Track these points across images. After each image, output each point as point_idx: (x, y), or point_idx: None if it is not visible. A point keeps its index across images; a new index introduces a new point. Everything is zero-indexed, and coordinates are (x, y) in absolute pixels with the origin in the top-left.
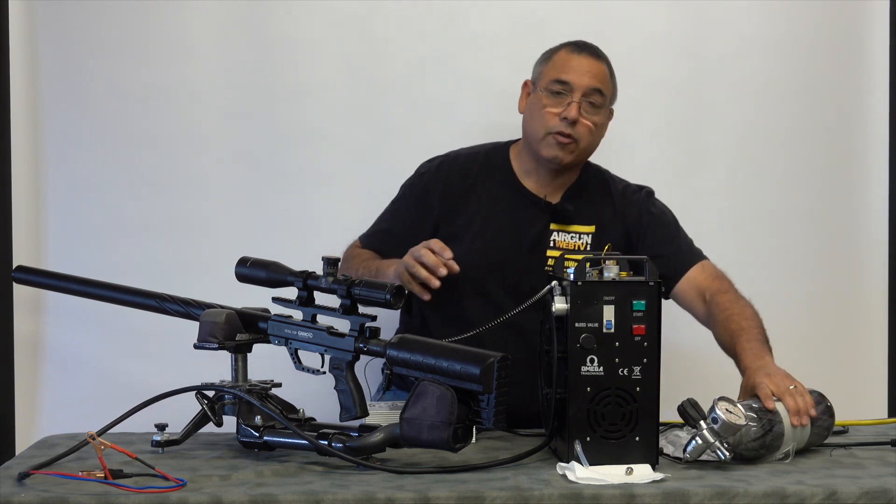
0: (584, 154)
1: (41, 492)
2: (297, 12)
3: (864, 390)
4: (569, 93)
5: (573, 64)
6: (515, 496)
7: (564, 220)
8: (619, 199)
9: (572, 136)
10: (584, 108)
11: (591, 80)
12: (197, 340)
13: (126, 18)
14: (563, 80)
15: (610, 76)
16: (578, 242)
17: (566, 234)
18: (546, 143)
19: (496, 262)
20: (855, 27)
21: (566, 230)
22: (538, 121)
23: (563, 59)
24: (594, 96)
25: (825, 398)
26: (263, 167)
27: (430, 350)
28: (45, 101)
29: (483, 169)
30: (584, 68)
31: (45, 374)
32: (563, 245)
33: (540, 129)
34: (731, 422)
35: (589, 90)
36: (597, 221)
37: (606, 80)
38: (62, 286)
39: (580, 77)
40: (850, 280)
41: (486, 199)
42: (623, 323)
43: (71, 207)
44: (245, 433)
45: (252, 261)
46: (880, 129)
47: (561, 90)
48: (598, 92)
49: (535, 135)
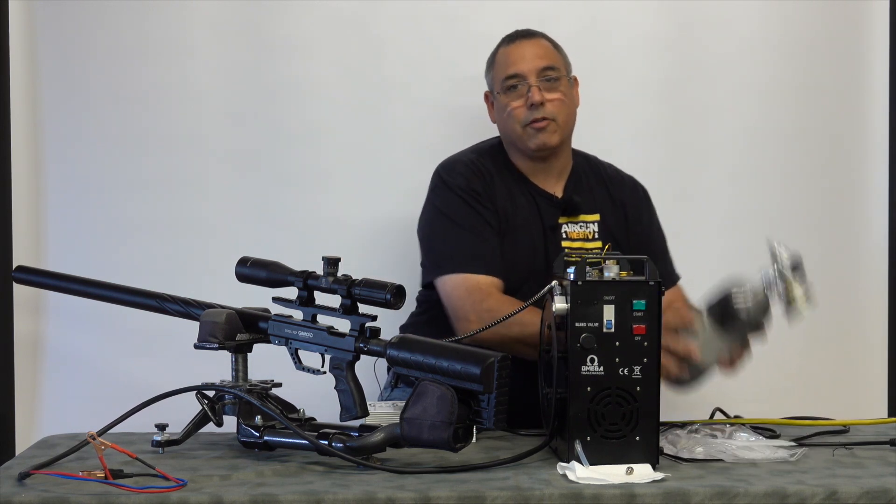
0: (567, 128)
1: (41, 492)
2: (297, 12)
3: (864, 390)
4: (523, 82)
5: (513, 55)
6: (516, 496)
7: (574, 213)
8: (611, 183)
9: (546, 116)
10: (543, 88)
11: (536, 61)
12: (197, 340)
13: (126, 19)
14: (512, 74)
15: (554, 48)
16: (587, 231)
17: (575, 225)
18: (527, 135)
19: (525, 259)
20: (855, 27)
21: (574, 221)
22: (510, 121)
23: (504, 56)
24: (547, 73)
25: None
26: (263, 167)
27: (430, 350)
28: (45, 101)
29: (496, 168)
30: (526, 53)
31: (45, 374)
32: (574, 235)
33: (516, 128)
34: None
35: (539, 70)
36: (599, 209)
37: (551, 54)
38: (62, 286)
39: (525, 63)
40: (850, 280)
41: (507, 197)
42: (623, 323)
43: (71, 207)
44: (245, 433)
45: (252, 261)
46: (880, 129)
47: (515, 83)
48: (548, 68)
49: (514, 135)
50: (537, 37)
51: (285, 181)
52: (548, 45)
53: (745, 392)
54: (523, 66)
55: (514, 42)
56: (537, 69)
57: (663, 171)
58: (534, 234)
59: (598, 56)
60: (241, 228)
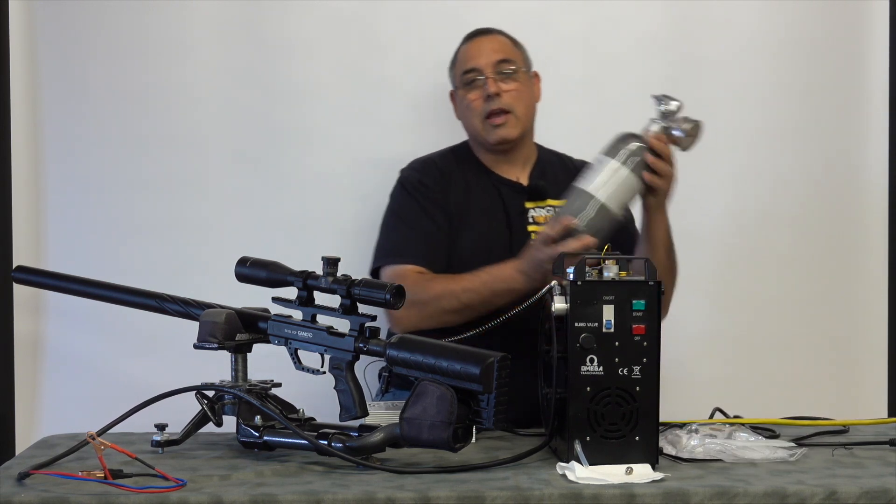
0: (526, 120)
1: (41, 492)
2: (297, 12)
3: (864, 390)
4: (480, 76)
5: (471, 51)
6: (515, 496)
7: (540, 197)
8: (576, 170)
9: (502, 107)
10: (499, 80)
11: (492, 55)
12: (197, 340)
13: (126, 19)
14: (469, 69)
15: (513, 44)
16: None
17: (542, 210)
18: (486, 130)
19: (485, 247)
20: (855, 27)
21: (541, 206)
22: (470, 114)
23: (463, 53)
24: (502, 66)
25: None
26: (263, 167)
27: (429, 350)
28: (45, 101)
29: (458, 164)
30: (482, 48)
31: (45, 374)
32: (541, 220)
33: (475, 121)
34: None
35: (495, 63)
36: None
37: (508, 48)
38: (62, 286)
39: (481, 57)
40: (850, 280)
41: (465, 190)
42: (623, 323)
43: (71, 207)
44: (245, 433)
45: (252, 261)
46: (880, 129)
47: (473, 77)
48: (504, 61)
49: (474, 128)
50: (494, 33)
51: (285, 181)
52: (505, 40)
53: (745, 392)
54: (480, 60)
55: (473, 39)
56: (493, 62)
57: None
58: (494, 222)
59: (598, 56)
60: (241, 228)
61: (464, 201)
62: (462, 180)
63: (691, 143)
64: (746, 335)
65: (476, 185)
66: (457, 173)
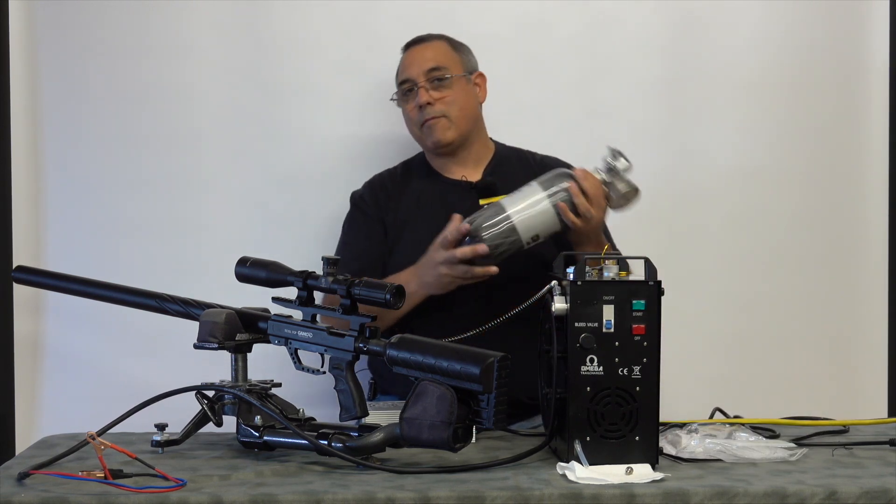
0: (463, 123)
1: (41, 492)
2: (297, 12)
3: (864, 390)
4: (413, 87)
5: (405, 62)
6: (515, 496)
7: (490, 193)
8: (538, 165)
9: (434, 115)
10: (431, 88)
11: (422, 64)
12: (197, 340)
13: (126, 18)
14: (404, 80)
15: (451, 47)
16: None
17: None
18: (423, 135)
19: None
20: (855, 27)
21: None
22: (408, 123)
23: (400, 63)
24: (434, 74)
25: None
26: (263, 167)
27: (429, 350)
28: (45, 101)
29: (406, 175)
30: (414, 59)
31: (45, 374)
32: None
33: (414, 129)
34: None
35: (426, 71)
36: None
37: (440, 54)
38: (62, 286)
39: (414, 67)
40: (850, 280)
41: (413, 196)
42: (623, 323)
43: (71, 207)
44: (245, 433)
45: (252, 261)
46: (880, 129)
47: (407, 88)
48: (435, 69)
49: (415, 136)
50: (431, 40)
51: (285, 181)
52: (441, 45)
53: (745, 392)
54: (412, 70)
55: (408, 49)
56: (424, 71)
57: (663, 171)
58: (438, 224)
59: (598, 56)
60: (241, 228)
61: (414, 208)
62: (414, 190)
63: (623, 204)
64: (746, 335)
65: (425, 191)
66: (406, 185)
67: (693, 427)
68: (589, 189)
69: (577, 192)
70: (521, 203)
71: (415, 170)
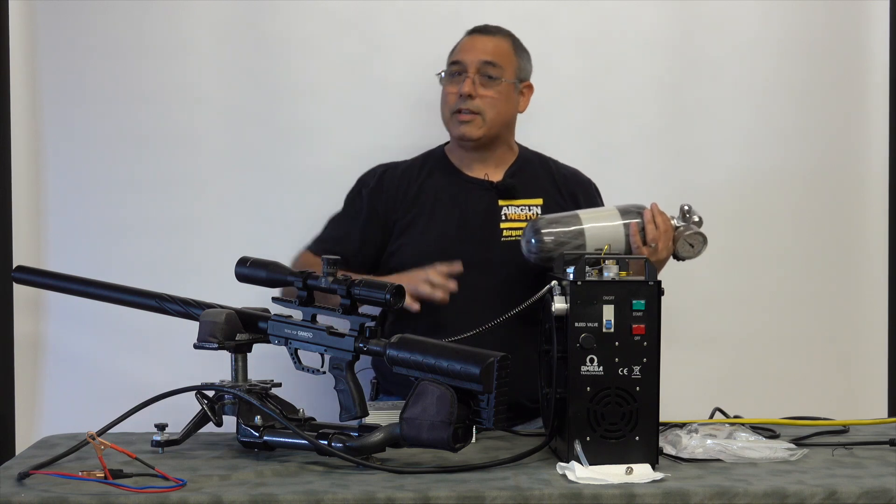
0: (494, 126)
1: (41, 492)
2: (297, 12)
3: (864, 390)
4: (463, 71)
5: (465, 45)
6: (515, 496)
7: (509, 195)
8: (559, 174)
9: (471, 109)
10: (479, 82)
11: (481, 55)
12: (197, 340)
13: (126, 19)
14: (456, 61)
15: (513, 49)
16: (529, 214)
17: (516, 208)
18: (453, 122)
19: (449, 239)
20: (855, 27)
21: (514, 204)
22: (443, 104)
23: (459, 44)
24: (488, 69)
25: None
26: (262, 167)
27: (429, 350)
28: (45, 101)
29: (424, 168)
30: (476, 46)
31: (45, 374)
32: (514, 217)
33: (445, 111)
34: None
35: (481, 64)
36: (543, 194)
37: (501, 53)
38: (62, 286)
39: (470, 54)
40: (850, 280)
41: (432, 191)
42: (623, 322)
43: (71, 207)
44: (245, 433)
45: (252, 261)
46: (880, 129)
47: (457, 70)
48: (491, 65)
49: (444, 118)
50: (498, 34)
51: (285, 181)
52: (503, 43)
53: (745, 392)
54: (468, 55)
55: (473, 33)
56: (479, 62)
57: (664, 171)
58: (461, 218)
59: (598, 56)
60: (240, 228)
61: (429, 204)
62: (430, 184)
63: (690, 252)
64: (746, 335)
65: (446, 186)
66: (425, 177)
67: (693, 427)
68: (660, 223)
69: (650, 219)
70: (595, 214)
71: (434, 165)
